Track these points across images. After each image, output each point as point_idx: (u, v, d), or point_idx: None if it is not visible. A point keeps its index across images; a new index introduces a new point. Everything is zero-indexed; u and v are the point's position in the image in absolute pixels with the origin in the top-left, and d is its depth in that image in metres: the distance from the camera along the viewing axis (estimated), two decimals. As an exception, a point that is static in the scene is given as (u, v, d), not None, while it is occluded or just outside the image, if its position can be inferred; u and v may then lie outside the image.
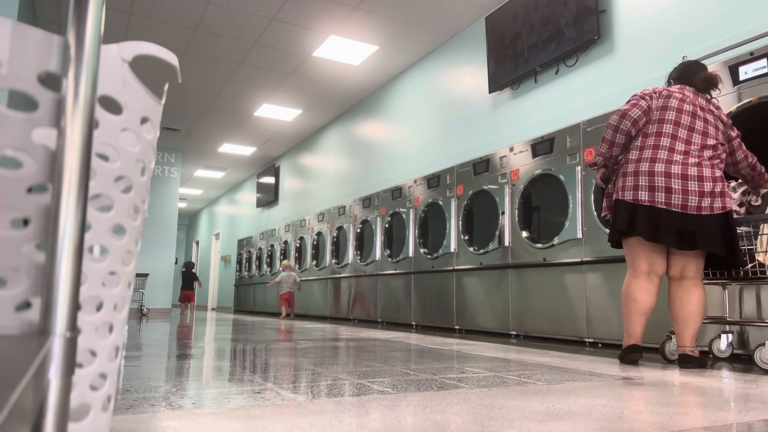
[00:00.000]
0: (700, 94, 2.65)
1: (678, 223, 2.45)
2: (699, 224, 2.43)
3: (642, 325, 2.56)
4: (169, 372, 2.16)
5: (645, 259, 2.57)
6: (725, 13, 3.58)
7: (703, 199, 2.43)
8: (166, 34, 6.31)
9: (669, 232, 2.45)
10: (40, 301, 0.65)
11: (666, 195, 2.46)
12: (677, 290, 2.55)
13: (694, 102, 2.59)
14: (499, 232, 4.56)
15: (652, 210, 2.49)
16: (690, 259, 2.53)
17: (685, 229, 2.44)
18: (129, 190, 0.82)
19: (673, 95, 2.61)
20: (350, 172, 8.38)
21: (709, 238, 2.42)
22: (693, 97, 2.62)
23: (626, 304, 2.59)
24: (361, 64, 7.00)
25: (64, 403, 0.59)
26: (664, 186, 2.46)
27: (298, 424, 1.26)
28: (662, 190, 2.47)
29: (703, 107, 2.60)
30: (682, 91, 2.64)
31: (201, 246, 17.89)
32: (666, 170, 2.48)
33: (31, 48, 0.66)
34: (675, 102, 2.58)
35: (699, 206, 2.44)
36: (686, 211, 2.44)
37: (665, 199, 2.46)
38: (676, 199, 2.45)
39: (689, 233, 2.44)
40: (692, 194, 2.44)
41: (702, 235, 2.43)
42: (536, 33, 4.91)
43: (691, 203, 2.44)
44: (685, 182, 2.45)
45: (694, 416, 1.41)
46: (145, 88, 0.83)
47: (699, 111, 2.58)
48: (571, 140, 4.00)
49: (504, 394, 1.70)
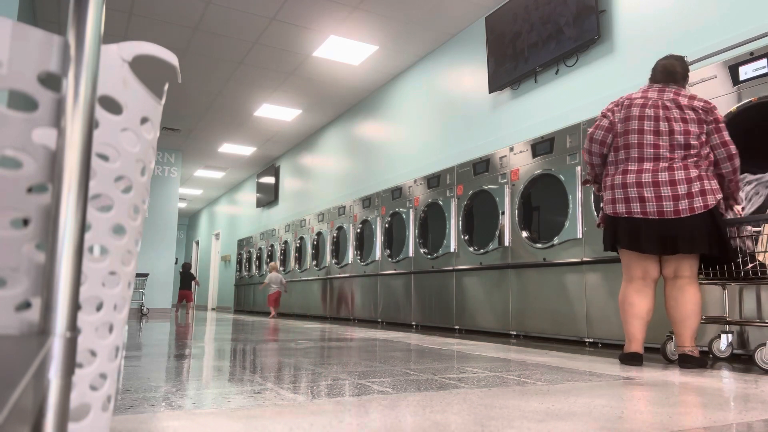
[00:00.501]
0: (667, 90, 2.60)
1: (658, 230, 2.48)
2: (679, 228, 2.45)
3: (641, 329, 2.56)
4: (169, 372, 2.16)
5: (638, 265, 2.61)
6: (725, 13, 3.58)
7: (678, 202, 2.45)
8: (166, 34, 6.31)
9: (650, 240, 2.49)
10: (40, 301, 0.65)
11: (641, 204, 2.51)
12: (672, 290, 2.56)
13: (656, 104, 2.57)
14: (499, 232, 4.56)
15: (631, 221, 2.55)
16: (683, 259, 2.53)
17: (666, 234, 2.47)
18: (129, 190, 0.82)
19: (634, 103, 2.61)
20: (350, 172, 8.38)
21: (691, 239, 2.44)
22: (657, 96, 2.59)
23: (623, 309, 2.62)
24: (361, 64, 7.00)
25: (64, 403, 0.59)
26: (638, 196, 2.52)
27: (298, 424, 1.26)
28: (636, 200, 2.52)
29: (667, 105, 2.55)
30: (645, 94, 2.63)
31: (201, 246, 17.89)
32: (637, 180, 2.53)
33: (31, 48, 0.66)
34: (636, 110, 2.59)
35: (676, 210, 2.45)
36: (663, 216, 2.47)
37: (641, 209, 2.51)
38: (651, 207, 2.49)
39: (670, 238, 2.47)
40: (666, 199, 2.46)
41: (683, 238, 2.45)
42: (536, 32, 4.91)
43: (667, 208, 2.46)
44: (657, 189, 2.48)
45: (694, 416, 1.41)
46: (145, 88, 0.83)
47: (662, 111, 2.55)
48: (571, 140, 4.00)
49: (504, 394, 1.70)
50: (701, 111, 2.52)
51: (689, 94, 2.60)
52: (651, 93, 2.62)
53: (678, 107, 2.53)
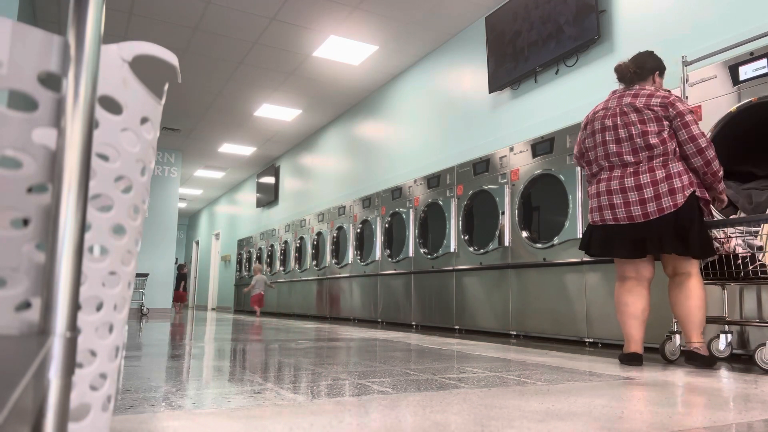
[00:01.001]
0: (626, 93, 2.63)
1: (629, 234, 2.54)
2: (647, 230, 2.49)
3: (638, 329, 2.57)
4: (169, 372, 2.16)
5: (630, 265, 2.64)
6: (725, 13, 3.58)
7: (646, 205, 2.49)
8: (166, 34, 6.31)
9: (623, 244, 2.56)
10: (40, 301, 0.65)
11: (611, 211, 2.59)
12: (673, 288, 2.58)
13: (614, 113, 2.62)
14: (499, 232, 4.56)
15: (605, 228, 2.63)
16: (678, 256, 2.55)
17: (636, 237, 2.53)
18: (129, 190, 0.82)
19: (596, 116, 2.71)
20: (350, 172, 8.38)
21: (659, 241, 2.47)
22: (616, 104, 2.63)
23: (618, 309, 2.65)
24: (361, 64, 7.00)
25: (64, 403, 0.59)
26: (608, 204, 2.60)
27: (298, 424, 1.26)
28: (607, 208, 2.60)
29: (625, 111, 2.58)
30: (606, 104, 2.69)
31: (201, 246, 17.89)
32: (607, 188, 2.62)
33: (31, 48, 0.66)
34: (598, 123, 2.69)
35: (644, 213, 2.50)
36: (633, 221, 2.53)
37: (612, 216, 2.59)
38: (620, 213, 2.56)
39: (640, 241, 2.52)
40: (633, 204, 2.52)
41: (651, 240, 2.48)
42: (536, 31, 4.91)
43: (635, 212, 2.52)
44: (624, 195, 2.55)
45: (694, 416, 1.41)
46: (145, 88, 0.83)
47: (620, 118, 2.59)
48: (571, 140, 3.99)
49: (504, 394, 1.70)
50: (658, 107, 2.52)
51: (649, 92, 2.58)
52: (611, 102, 2.68)
53: (635, 110, 2.56)
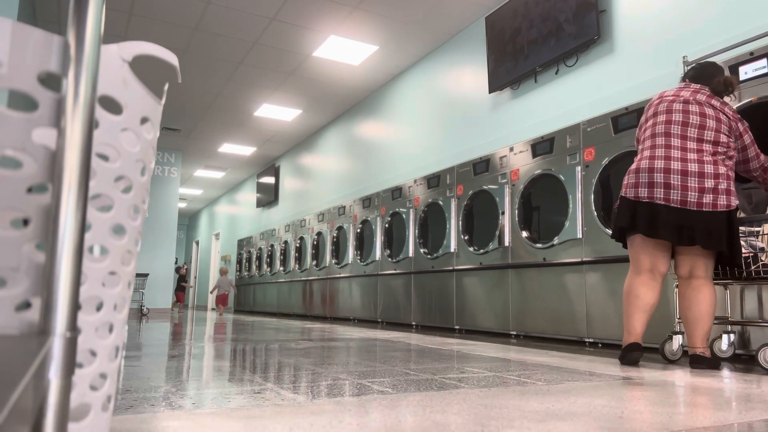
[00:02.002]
0: (700, 91, 2.61)
1: (677, 219, 2.43)
2: (699, 220, 2.41)
3: (643, 323, 2.53)
4: (169, 372, 2.16)
5: (648, 256, 2.57)
6: (725, 13, 3.58)
7: (704, 195, 2.41)
8: (166, 34, 6.31)
9: (667, 227, 2.44)
10: (40, 301, 0.65)
11: (665, 191, 2.46)
12: (686, 290, 2.52)
13: (687, 99, 2.58)
14: (499, 232, 4.56)
15: (651, 206, 2.49)
16: (699, 258, 2.50)
17: (684, 224, 2.43)
18: (129, 190, 0.82)
19: (665, 98, 2.65)
20: (350, 172, 8.38)
21: (709, 234, 2.40)
22: (690, 94, 2.60)
23: (627, 300, 2.57)
24: (361, 64, 7.00)
25: (64, 403, 0.59)
26: (663, 182, 2.47)
27: (298, 424, 1.26)
28: (661, 186, 2.47)
29: (700, 101, 2.56)
30: (678, 92, 2.64)
31: (201, 246, 17.89)
32: (665, 166, 2.48)
33: (31, 48, 0.66)
34: (665, 104, 2.62)
35: (699, 202, 2.42)
36: (686, 207, 2.43)
37: (664, 195, 2.46)
38: (675, 195, 2.44)
39: (688, 229, 2.42)
40: (692, 190, 2.42)
41: (701, 231, 2.41)
42: (536, 29, 4.92)
43: (691, 199, 2.42)
44: (684, 178, 2.44)
45: (695, 416, 1.41)
46: (145, 88, 0.83)
47: (694, 105, 2.55)
48: (571, 140, 3.99)
49: (504, 394, 1.70)
50: (731, 115, 2.54)
51: (721, 101, 2.60)
52: (684, 92, 2.63)
53: (711, 107, 2.54)
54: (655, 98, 2.70)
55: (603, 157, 3.71)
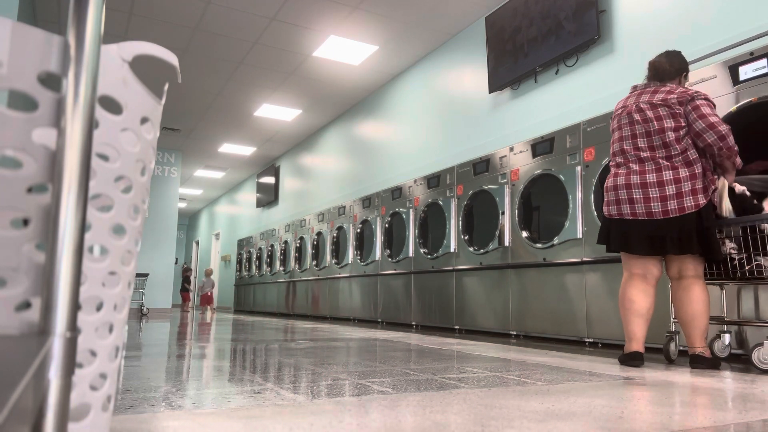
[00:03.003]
0: (645, 91, 2.62)
1: (647, 231, 2.51)
2: (667, 228, 2.47)
3: (642, 328, 2.54)
4: (169, 372, 2.16)
5: (638, 262, 2.61)
6: (725, 13, 3.58)
7: (667, 202, 2.47)
8: (166, 34, 6.31)
9: (640, 240, 2.52)
10: (40, 301, 0.65)
11: (630, 206, 2.55)
12: (678, 291, 2.55)
13: (631, 109, 2.62)
14: (499, 232, 4.56)
15: (622, 222, 2.59)
16: (685, 258, 2.53)
17: (655, 234, 2.49)
18: (129, 190, 0.82)
19: (615, 114, 2.73)
20: (350, 172, 8.38)
21: (679, 240, 2.44)
22: (634, 101, 2.63)
23: (623, 306, 2.60)
24: (361, 64, 7.00)
25: (64, 403, 0.59)
26: (627, 198, 2.56)
27: (298, 424, 1.26)
28: (626, 202, 2.57)
29: (641, 108, 2.57)
30: (625, 101, 2.69)
31: (201, 246, 17.89)
32: (626, 182, 2.58)
33: (31, 48, 0.66)
34: (616, 120, 2.70)
35: (665, 210, 2.47)
36: (653, 217, 2.49)
37: (630, 210, 2.55)
38: (639, 208, 2.53)
39: (659, 239, 2.49)
40: (654, 201, 2.49)
41: (671, 238, 2.46)
42: (536, 27, 4.92)
43: (655, 209, 2.49)
44: (645, 190, 2.51)
45: (695, 416, 1.41)
46: (145, 88, 0.83)
47: (636, 115, 2.58)
48: (571, 140, 4.00)
49: (504, 394, 1.70)
50: (675, 102, 2.50)
51: (669, 88, 2.56)
52: (630, 99, 2.68)
53: (652, 107, 2.55)
54: (614, 109, 2.78)
55: (603, 157, 3.71)
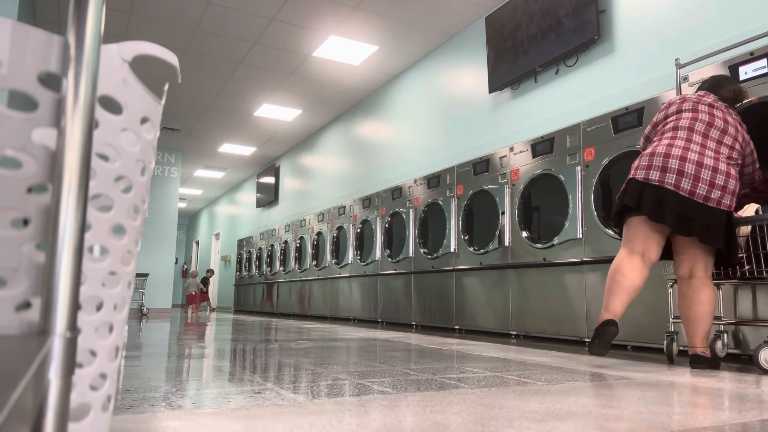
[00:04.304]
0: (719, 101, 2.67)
1: (681, 207, 2.43)
2: (701, 213, 2.41)
3: (624, 303, 2.47)
4: (169, 372, 2.16)
5: (642, 241, 2.55)
6: (725, 13, 3.58)
7: (713, 190, 2.42)
8: (166, 34, 6.31)
9: (671, 213, 2.44)
10: (40, 301, 0.65)
11: (677, 177, 2.46)
12: (686, 290, 2.52)
13: (711, 103, 2.64)
14: (499, 232, 4.56)
15: (659, 190, 2.49)
16: (699, 258, 2.51)
17: (686, 213, 2.42)
18: (129, 190, 0.82)
19: (687, 98, 2.70)
20: (350, 172, 8.38)
21: (707, 229, 2.40)
22: (713, 99, 2.67)
23: (613, 278, 2.52)
24: (361, 64, 7.00)
25: (64, 403, 0.59)
26: (677, 168, 2.47)
27: (298, 424, 1.26)
28: (674, 172, 2.48)
29: (723, 109, 2.63)
30: (699, 97, 2.69)
31: (201, 246, 17.88)
32: (683, 155, 2.50)
33: (31, 48, 0.66)
34: (689, 104, 2.66)
35: (707, 196, 2.42)
36: (693, 197, 2.43)
37: (675, 181, 2.46)
38: (686, 183, 2.45)
39: (689, 218, 2.42)
40: (703, 182, 2.44)
41: (700, 224, 2.40)
42: (536, 24, 4.93)
43: (700, 191, 2.43)
44: (699, 169, 2.45)
45: (695, 416, 1.41)
46: (145, 88, 0.83)
47: (718, 110, 2.61)
48: (571, 140, 3.99)
49: (504, 394, 1.70)
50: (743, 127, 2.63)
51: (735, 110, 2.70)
52: (707, 98, 2.67)
53: (728, 113, 2.62)
54: (676, 98, 2.73)
55: (603, 157, 3.71)
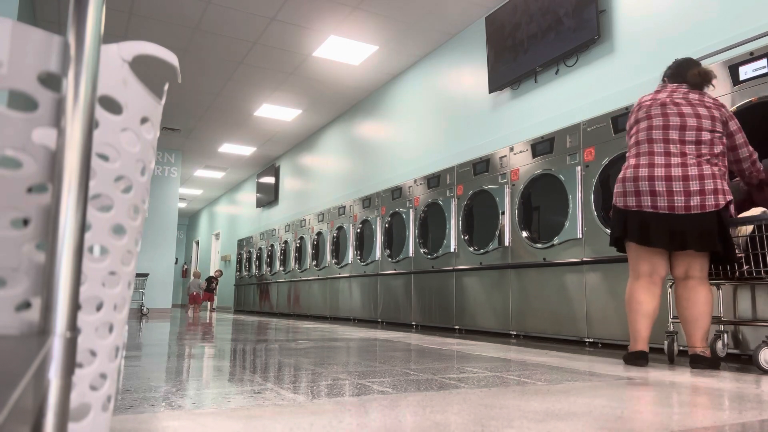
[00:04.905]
0: (683, 90, 2.62)
1: (667, 225, 2.46)
2: (689, 224, 2.43)
3: (648, 328, 2.54)
4: (169, 372, 2.16)
5: (646, 262, 2.58)
6: (725, 13, 3.58)
7: (690, 198, 2.43)
8: (166, 34, 6.31)
9: (659, 234, 2.48)
10: (40, 301, 0.65)
11: (652, 198, 2.49)
12: (683, 291, 2.53)
13: (665, 101, 2.59)
14: (499, 232, 4.56)
15: (641, 214, 2.53)
16: (694, 258, 2.51)
17: (675, 229, 2.45)
18: (129, 190, 0.82)
19: (643, 104, 2.67)
20: (350, 172, 8.38)
21: (700, 236, 2.42)
22: (667, 95, 2.62)
23: (630, 307, 2.58)
24: (361, 64, 7.00)
25: (64, 403, 0.59)
26: (649, 190, 2.50)
27: (298, 424, 1.26)
28: (647, 194, 2.50)
29: (677, 102, 2.57)
30: (655, 95, 2.67)
31: (201, 246, 17.88)
32: (649, 174, 2.51)
33: (31, 48, 0.66)
34: (644, 110, 2.64)
35: (687, 206, 2.44)
36: (674, 212, 2.45)
37: (651, 203, 2.49)
38: (661, 202, 2.47)
39: (679, 234, 2.45)
40: (677, 195, 2.45)
41: (692, 234, 2.43)
42: (536, 23, 4.94)
43: (678, 203, 2.45)
44: (669, 183, 2.47)
45: (695, 416, 1.41)
46: (145, 88, 0.83)
47: (671, 107, 2.56)
48: (571, 140, 3.99)
49: (504, 394, 1.70)
50: (712, 105, 2.54)
51: (703, 93, 2.62)
52: (661, 94, 2.65)
53: (689, 104, 2.55)
54: (635, 105, 2.73)
55: (603, 157, 3.71)
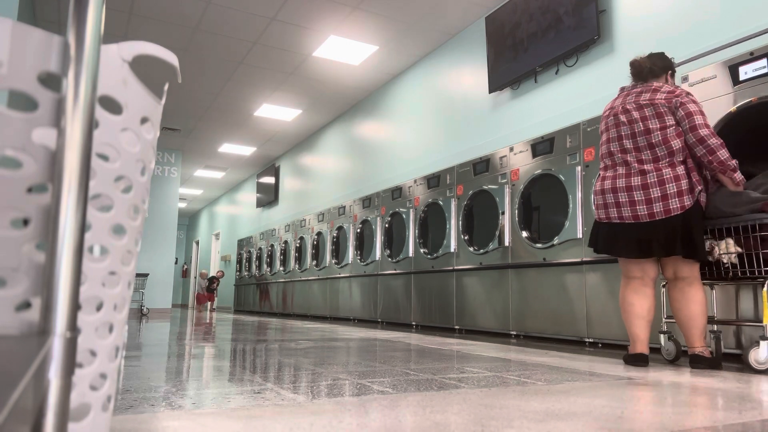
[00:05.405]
0: (632, 91, 2.63)
1: (634, 234, 2.52)
2: (653, 231, 2.47)
3: (644, 329, 2.55)
4: (169, 372, 2.16)
5: (636, 265, 2.62)
6: (725, 13, 3.58)
7: (652, 205, 2.47)
8: (166, 34, 6.31)
9: (628, 244, 2.54)
10: (40, 301, 0.65)
11: (617, 209, 2.57)
12: (674, 292, 2.56)
13: (617, 111, 2.63)
14: (499, 232, 4.56)
15: (610, 226, 2.61)
16: (678, 260, 2.54)
17: (642, 237, 2.50)
18: (129, 190, 0.82)
19: (602, 117, 2.75)
20: (350, 172, 8.38)
21: (665, 242, 2.45)
22: (621, 102, 2.64)
23: (624, 309, 2.63)
24: (361, 64, 7.00)
25: (64, 403, 0.59)
26: (614, 201, 2.58)
27: (298, 424, 1.26)
28: (613, 206, 2.58)
29: (628, 109, 2.58)
30: (612, 104, 2.71)
31: (201, 246, 17.88)
32: (612, 186, 2.59)
33: (31, 48, 0.66)
34: (603, 123, 2.72)
35: (650, 213, 2.48)
36: (639, 220, 2.51)
37: (617, 214, 2.57)
38: (626, 212, 2.54)
39: (645, 242, 2.49)
40: (639, 204, 2.50)
41: (657, 241, 2.46)
42: (536, 22, 4.94)
43: (641, 212, 2.50)
44: (630, 193, 2.53)
45: (694, 416, 1.41)
46: (145, 88, 0.83)
47: (622, 115, 2.60)
48: (571, 140, 4.00)
49: (504, 394, 1.70)
50: (663, 101, 2.51)
51: (655, 86, 2.57)
52: (617, 101, 2.69)
53: (637, 108, 2.56)
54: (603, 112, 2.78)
55: (603, 157, 3.71)
